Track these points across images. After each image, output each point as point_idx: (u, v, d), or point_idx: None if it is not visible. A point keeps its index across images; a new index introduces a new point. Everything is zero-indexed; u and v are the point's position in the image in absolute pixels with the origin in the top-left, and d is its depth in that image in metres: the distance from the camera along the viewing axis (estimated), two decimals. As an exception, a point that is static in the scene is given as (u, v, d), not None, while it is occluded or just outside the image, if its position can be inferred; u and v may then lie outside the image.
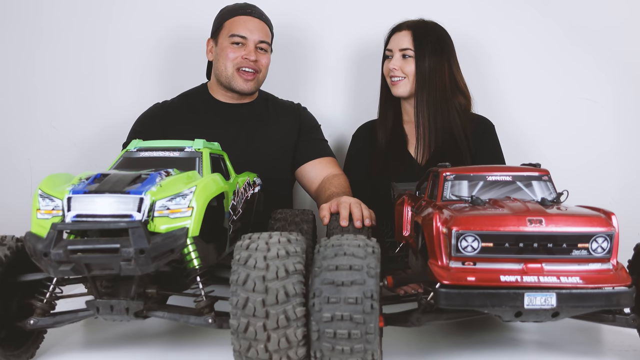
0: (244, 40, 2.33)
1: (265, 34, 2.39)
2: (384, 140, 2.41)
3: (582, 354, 1.42)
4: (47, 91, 2.90)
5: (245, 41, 2.33)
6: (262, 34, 2.37)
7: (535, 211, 1.25)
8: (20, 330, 1.36)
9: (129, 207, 1.24)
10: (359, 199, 1.91)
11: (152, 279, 1.38)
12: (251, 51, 2.33)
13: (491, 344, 1.48)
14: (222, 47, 2.35)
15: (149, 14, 2.88)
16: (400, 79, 2.33)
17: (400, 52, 2.33)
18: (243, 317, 1.14)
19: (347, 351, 1.13)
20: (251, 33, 2.34)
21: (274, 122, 2.45)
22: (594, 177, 2.78)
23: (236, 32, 2.32)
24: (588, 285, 1.19)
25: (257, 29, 2.36)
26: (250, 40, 2.33)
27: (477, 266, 1.23)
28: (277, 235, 1.23)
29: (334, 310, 1.12)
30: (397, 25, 2.39)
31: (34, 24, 2.90)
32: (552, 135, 2.82)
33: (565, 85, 2.82)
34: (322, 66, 2.89)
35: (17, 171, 2.89)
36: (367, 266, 1.16)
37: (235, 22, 2.34)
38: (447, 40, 2.36)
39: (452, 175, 1.46)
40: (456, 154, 2.27)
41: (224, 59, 2.34)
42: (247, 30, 2.33)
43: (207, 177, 1.43)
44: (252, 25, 2.35)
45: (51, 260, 1.19)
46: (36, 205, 1.29)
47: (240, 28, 2.33)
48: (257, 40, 2.35)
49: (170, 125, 2.35)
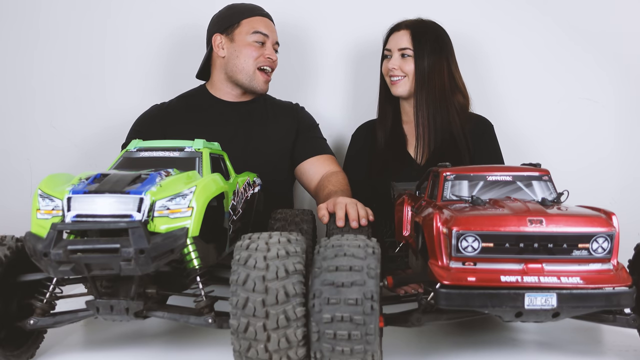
0: (265, 39, 2.39)
1: (277, 36, 2.48)
2: (384, 140, 2.41)
3: (582, 354, 1.42)
4: (47, 91, 2.90)
5: (266, 40, 2.39)
6: (276, 35, 2.47)
7: (536, 211, 1.25)
8: (20, 330, 1.36)
9: (129, 207, 1.24)
10: (359, 199, 1.91)
11: (152, 279, 1.38)
12: (272, 51, 2.41)
13: (491, 344, 1.48)
14: (242, 44, 2.37)
15: (149, 14, 2.88)
16: (399, 78, 2.33)
17: (399, 52, 2.33)
18: (243, 317, 1.14)
19: (347, 352, 1.13)
20: (272, 33, 2.42)
21: (273, 122, 2.46)
22: (594, 177, 2.78)
23: (260, 30, 2.38)
24: (588, 286, 1.19)
25: (273, 29, 2.45)
26: (270, 39, 2.41)
27: (477, 266, 1.22)
28: (277, 235, 1.23)
29: (334, 311, 1.12)
30: (395, 24, 2.39)
31: (33, 23, 2.89)
32: (552, 136, 2.81)
33: (566, 86, 2.82)
34: (321, 66, 2.89)
35: (17, 171, 2.89)
36: (367, 267, 1.16)
37: (257, 22, 2.40)
38: (446, 39, 2.36)
39: (452, 175, 1.46)
40: (455, 153, 2.27)
41: (246, 56, 2.37)
42: (268, 30, 2.41)
43: (207, 177, 1.43)
44: (271, 26, 2.44)
45: (51, 260, 1.19)
46: (36, 206, 1.29)
47: (262, 27, 2.39)
48: (274, 41, 2.44)
49: (170, 125, 2.35)
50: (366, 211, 1.84)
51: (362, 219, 1.80)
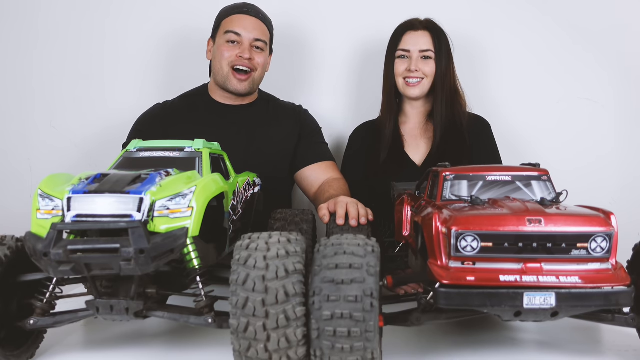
0: (239, 38, 2.30)
1: (262, 33, 2.36)
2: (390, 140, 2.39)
3: (581, 353, 1.42)
4: (47, 91, 2.90)
5: (240, 39, 2.30)
6: (258, 32, 2.34)
7: (535, 211, 1.25)
8: (20, 330, 1.36)
9: (129, 207, 1.25)
10: (358, 200, 1.91)
11: (152, 279, 1.38)
12: (246, 49, 2.30)
13: (491, 344, 1.49)
14: (217, 45, 2.34)
15: (149, 15, 2.88)
16: (418, 80, 2.32)
17: (420, 53, 2.30)
18: (243, 317, 1.14)
19: (347, 349, 1.13)
20: (246, 31, 2.31)
21: (275, 125, 2.45)
22: (593, 177, 2.78)
23: (231, 29, 2.30)
24: (587, 285, 1.19)
25: (253, 27, 2.33)
26: (245, 38, 2.30)
27: (476, 266, 1.23)
28: (277, 235, 1.23)
29: (334, 308, 1.12)
30: (408, 24, 2.35)
31: (33, 24, 2.89)
32: (551, 136, 2.81)
33: (565, 85, 2.82)
34: (322, 67, 2.89)
35: (17, 171, 2.89)
36: (367, 265, 1.16)
37: (231, 21, 2.33)
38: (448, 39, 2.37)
39: (451, 175, 1.46)
40: (455, 152, 2.27)
41: (220, 57, 2.32)
42: (241, 27, 2.31)
43: (207, 177, 1.43)
44: (248, 23, 2.32)
45: (51, 260, 1.19)
46: (36, 206, 1.29)
47: (235, 25, 2.31)
48: (252, 39, 2.32)
49: (171, 125, 2.35)
50: (366, 211, 1.85)
51: (362, 218, 1.80)
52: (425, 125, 2.43)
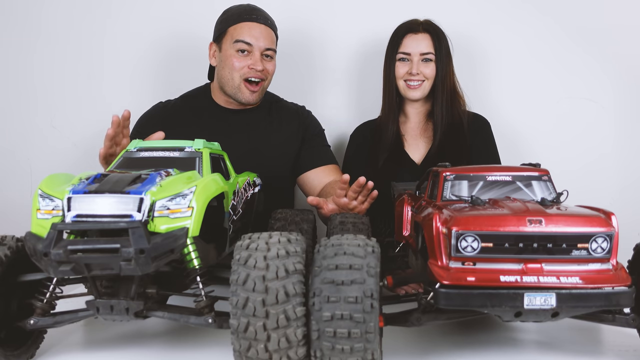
0: (249, 48, 2.26)
1: (271, 40, 2.32)
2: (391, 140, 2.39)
3: (581, 354, 1.42)
4: (47, 91, 2.90)
5: (250, 49, 2.26)
6: (268, 41, 2.30)
7: (535, 211, 1.25)
8: (20, 330, 1.36)
9: (129, 207, 1.24)
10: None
11: (152, 279, 1.38)
12: (257, 60, 2.26)
13: (491, 344, 1.48)
14: (226, 54, 2.29)
15: (149, 15, 2.88)
16: (419, 83, 2.32)
17: (421, 56, 2.30)
18: (243, 317, 1.14)
19: (347, 350, 1.13)
20: (257, 40, 2.27)
21: (277, 128, 2.44)
22: (594, 177, 2.78)
23: (241, 39, 2.26)
24: (588, 286, 1.19)
25: (263, 35, 2.29)
26: (256, 48, 2.26)
27: (476, 266, 1.23)
28: (277, 235, 1.23)
29: (334, 309, 1.12)
30: (407, 26, 2.35)
31: (34, 24, 2.89)
32: (551, 135, 2.81)
33: (565, 85, 2.82)
34: (324, 68, 2.89)
35: (17, 171, 2.89)
36: (367, 265, 1.16)
37: (240, 29, 2.27)
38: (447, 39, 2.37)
39: (452, 175, 1.46)
40: (455, 152, 2.27)
41: (230, 68, 2.28)
42: (252, 37, 2.26)
43: (207, 177, 1.43)
44: (258, 32, 2.27)
45: (51, 260, 1.19)
46: (36, 205, 1.29)
47: (245, 35, 2.26)
48: (263, 48, 2.28)
49: (172, 127, 2.33)
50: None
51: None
52: (425, 124, 2.43)
